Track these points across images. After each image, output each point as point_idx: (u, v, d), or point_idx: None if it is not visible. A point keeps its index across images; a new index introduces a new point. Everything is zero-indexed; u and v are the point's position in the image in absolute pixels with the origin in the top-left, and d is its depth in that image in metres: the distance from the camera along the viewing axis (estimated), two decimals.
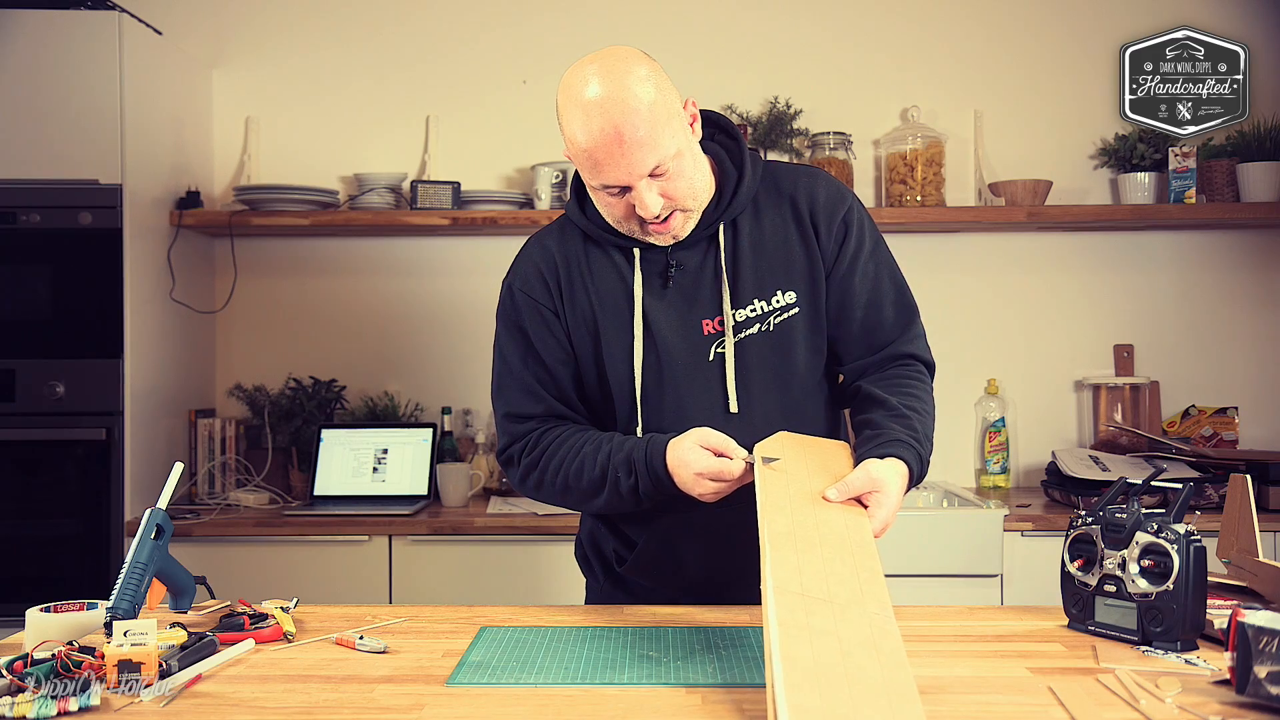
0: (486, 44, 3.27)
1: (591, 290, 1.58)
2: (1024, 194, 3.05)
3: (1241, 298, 3.21)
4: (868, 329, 1.59)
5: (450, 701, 1.16)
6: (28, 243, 2.71)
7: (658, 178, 1.45)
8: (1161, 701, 1.13)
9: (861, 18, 3.26)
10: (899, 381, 1.56)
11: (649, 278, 1.56)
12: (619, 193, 1.47)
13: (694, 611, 1.55)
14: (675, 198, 1.48)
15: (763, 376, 1.55)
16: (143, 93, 2.80)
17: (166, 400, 2.95)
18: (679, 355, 1.55)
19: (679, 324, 1.55)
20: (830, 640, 1.12)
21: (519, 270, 1.65)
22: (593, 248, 1.60)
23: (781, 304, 1.55)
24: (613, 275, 1.58)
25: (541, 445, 1.58)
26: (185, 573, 1.51)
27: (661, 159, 1.43)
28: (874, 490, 1.38)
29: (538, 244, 1.65)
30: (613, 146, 1.41)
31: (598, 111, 1.40)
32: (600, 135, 1.41)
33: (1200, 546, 1.31)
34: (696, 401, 1.54)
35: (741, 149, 1.60)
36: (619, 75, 1.41)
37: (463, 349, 3.27)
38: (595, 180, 1.47)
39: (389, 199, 3.12)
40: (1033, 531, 2.67)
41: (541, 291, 1.61)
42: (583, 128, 1.42)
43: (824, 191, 1.59)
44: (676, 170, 1.46)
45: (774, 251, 1.56)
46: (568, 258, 1.60)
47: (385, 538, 2.70)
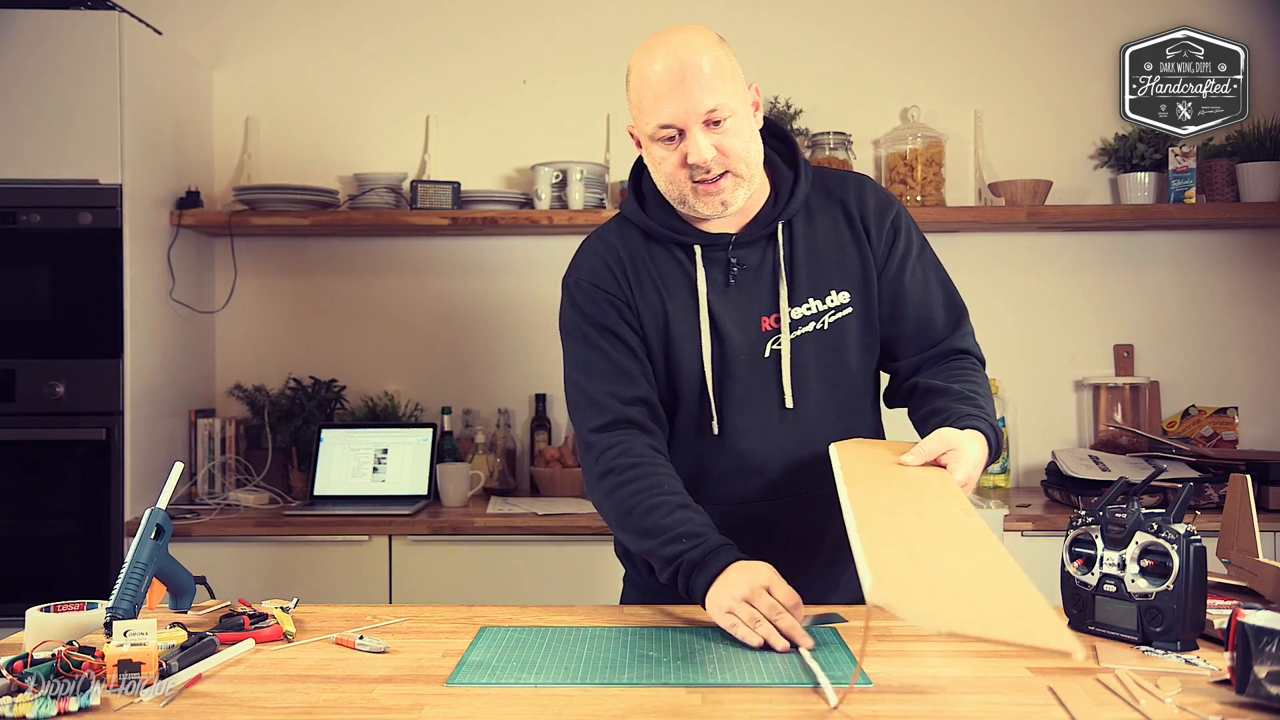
0: (486, 44, 3.27)
1: (660, 284, 1.59)
2: (1024, 194, 3.05)
3: (1241, 298, 3.21)
4: (920, 328, 1.63)
5: (450, 701, 1.16)
6: (28, 243, 2.71)
7: (713, 127, 1.48)
8: (1161, 701, 1.13)
9: (861, 18, 3.26)
10: (956, 372, 1.60)
11: (711, 274, 1.58)
12: (674, 139, 1.49)
13: (694, 611, 1.55)
14: (728, 154, 1.49)
15: (817, 373, 1.59)
16: (143, 93, 2.80)
17: (166, 400, 2.95)
18: (741, 351, 1.57)
19: (740, 320, 1.57)
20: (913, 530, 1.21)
21: (583, 265, 1.63)
22: (654, 245, 1.61)
23: (836, 303, 1.59)
24: (677, 270, 1.59)
25: (631, 465, 1.51)
26: (185, 573, 1.51)
27: (719, 104, 1.47)
28: (950, 449, 1.41)
29: (599, 240, 1.65)
30: (674, 80, 1.46)
31: (664, 50, 1.48)
32: (664, 70, 1.47)
33: (1200, 546, 1.31)
34: (755, 397, 1.58)
35: (795, 152, 1.64)
36: (689, 28, 1.52)
37: (463, 349, 3.27)
38: (653, 120, 1.48)
39: (389, 199, 3.12)
40: (1033, 531, 2.67)
41: (610, 282, 1.60)
42: (648, 64, 1.49)
43: (873, 196, 1.63)
44: (734, 128, 1.49)
45: (828, 252, 1.59)
46: (632, 253, 1.61)
47: (385, 538, 2.70)
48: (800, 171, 1.61)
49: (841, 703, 1.12)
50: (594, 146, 3.24)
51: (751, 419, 1.56)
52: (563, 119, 3.26)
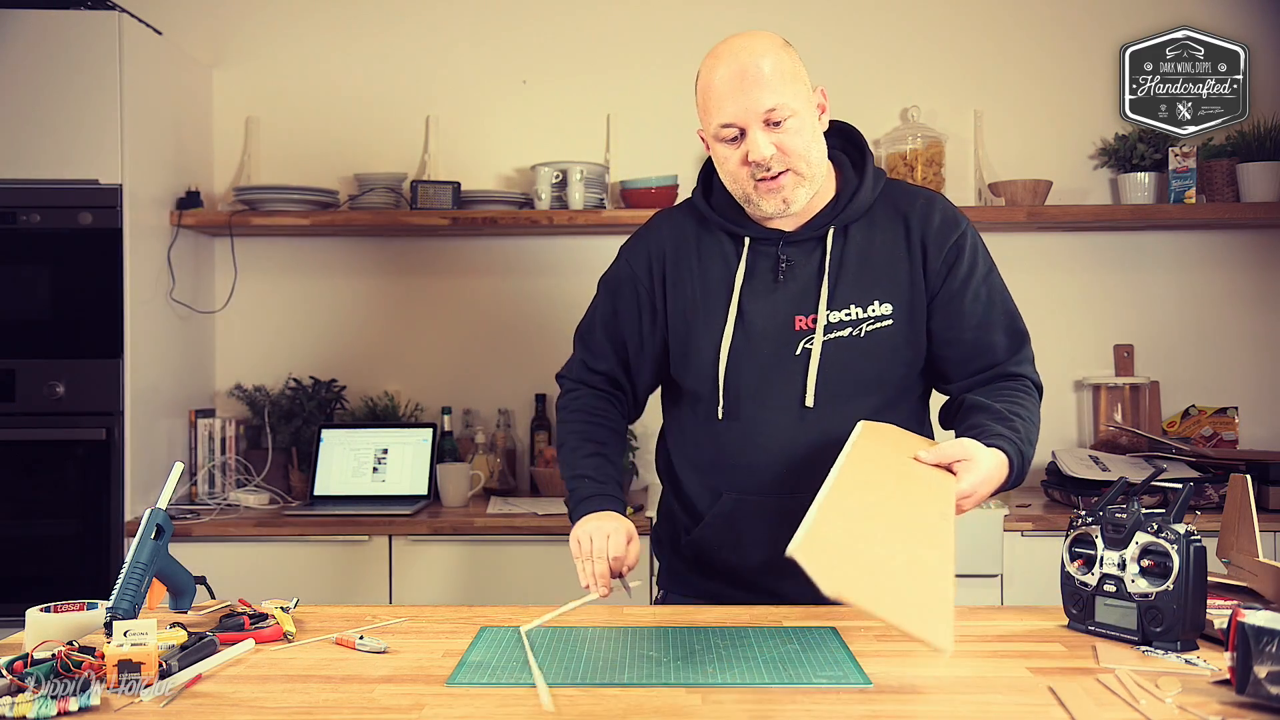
0: (486, 44, 3.27)
1: (697, 273, 1.66)
2: (1024, 194, 3.05)
3: (1241, 298, 3.21)
4: (978, 351, 1.64)
5: (450, 701, 1.16)
6: (28, 243, 2.71)
7: (773, 127, 1.53)
8: (1161, 701, 1.13)
9: (861, 18, 3.26)
10: (1004, 393, 1.62)
11: (758, 268, 1.63)
12: (736, 138, 1.55)
13: (694, 611, 1.55)
14: (788, 153, 1.54)
15: (845, 378, 1.60)
16: (143, 93, 2.80)
17: (166, 400, 2.95)
18: (767, 345, 1.61)
19: (774, 315, 1.61)
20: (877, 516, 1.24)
21: (636, 244, 1.75)
22: (705, 233, 1.68)
23: (877, 314, 1.60)
24: (719, 262, 1.65)
25: (575, 405, 1.78)
26: (185, 573, 1.51)
27: (779, 104, 1.52)
28: (965, 458, 1.44)
29: (659, 222, 1.76)
30: (735, 81, 1.53)
31: (728, 54, 1.56)
32: (725, 72, 1.54)
33: (1200, 546, 1.31)
34: (775, 391, 1.61)
35: (865, 161, 1.67)
36: (755, 34, 1.59)
37: (463, 349, 3.27)
38: (716, 120, 1.55)
39: (389, 199, 3.12)
40: (1032, 531, 2.67)
41: (644, 270, 1.71)
42: (713, 69, 1.56)
43: (939, 215, 1.65)
44: (795, 128, 1.54)
45: (880, 263, 1.62)
46: (679, 240, 1.70)
47: (385, 538, 2.70)
48: (865, 179, 1.64)
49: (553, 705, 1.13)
50: (594, 146, 3.24)
51: (769, 412, 1.60)
52: (563, 119, 3.26)
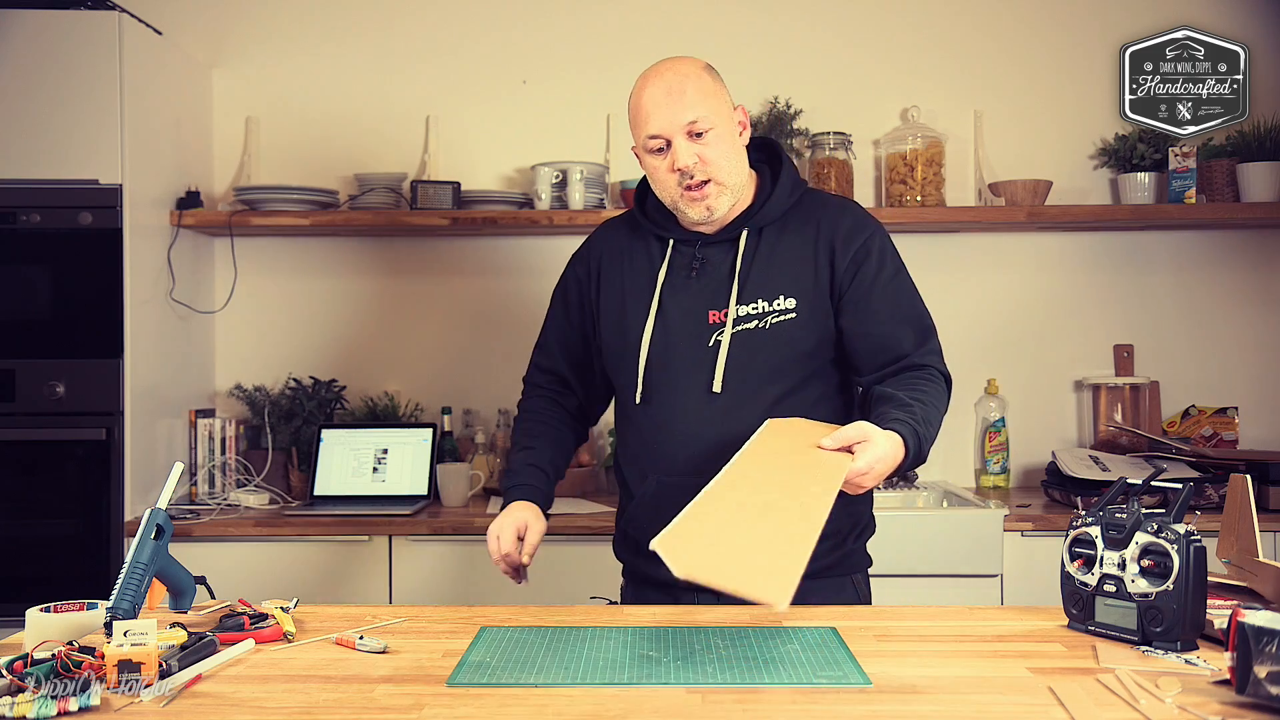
0: (486, 44, 3.27)
1: (626, 273, 1.82)
2: (1024, 194, 3.05)
3: (1241, 298, 3.21)
4: (884, 345, 1.73)
5: (450, 701, 1.16)
6: (28, 243, 2.71)
7: (696, 138, 1.67)
8: (1161, 701, 1.13)
9: (861, 18, 3.26)
10: (909, 382, 1.70)
11: (676, 267, 1.78)
12: (662, 149, 1.69)
13: (694, 611, 1.55)
14: (708, 162, 1.68)
15: (753, 368, 1.71)
16: (143, 93, 2.80)
17: (166, 400, 2.95)
18: (683, 337, 1.74)
19: (690, 310, 1.74)
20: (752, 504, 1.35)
21: (579, 252, 1.93)
22: (636, 239, 1.83)
23: (781, 307, 1.72)
24: (645, 262, 1.81)
25: (525, 409, 1.98)
26: (185, 573, 1.51)
27: (700, 117, 1.66)
28: (863, 439, 1.53)
29: (599, 233, 1.92)
30: (660, 98, 1.67)
31: (655, 75, 1.70)
32: (653, 90, 1.69)
33: (1200, 546, 1.31)
34: (688, 379, 1.73)
35: (782, 171, 1.79)
36: (680, 59, 1.73)
37: (463, 349, 3.27)
38: (644, 132, 1.70)
39: (389, 199, 3.12)
40: (1033, 531, 2.67)
41: (583, 273, 1.88)
42: (641, 91, 1.70)
43: (848, 219, 1.76)
44: (714, 140, 1.68)
45: (787, 262, 1.74)
46: (617, 241, 1.86)
47: (385, 538, 2.70)
48: (779, 186, 1.76)
49: None
50: (594, 146, 3.24)
51: (682, 398, 1.72)
52: (563, 119, 3.26)
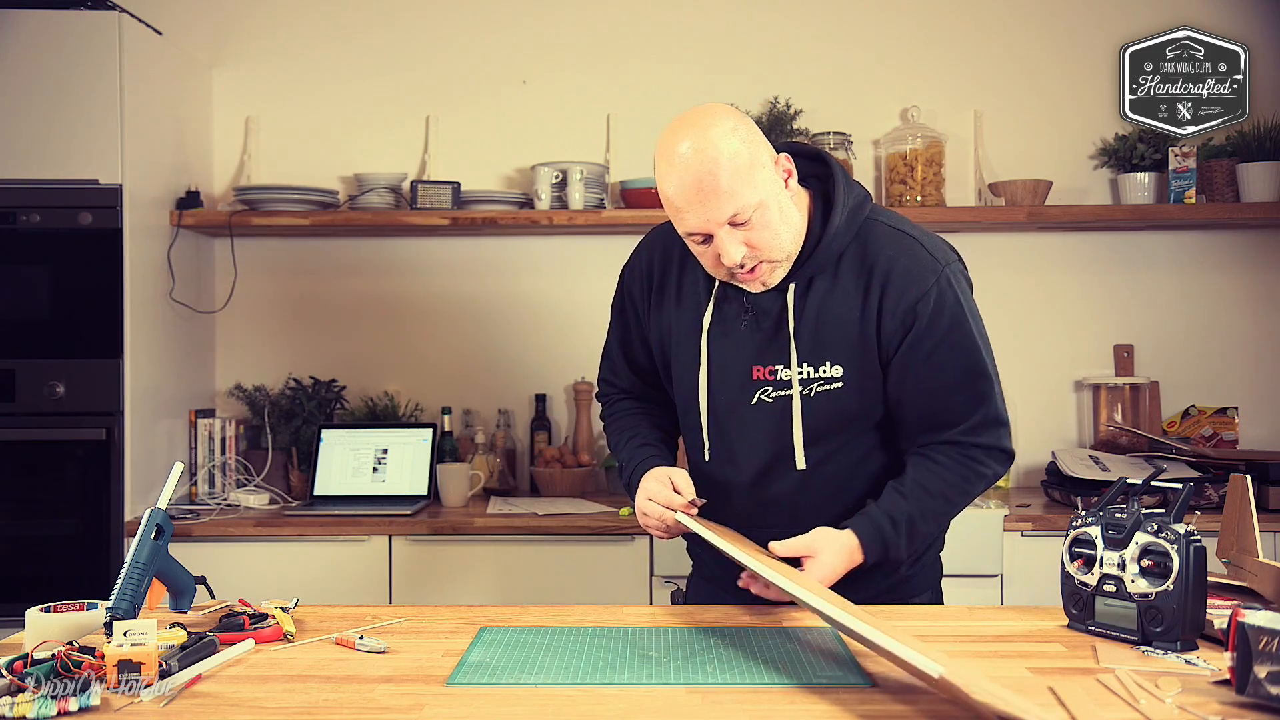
0: (486, 44, 3.27)
1: (677, 298, 1.69)
2: (1024, 194, 3.05)
3: (1241, 298, 3.21)
4: (927, 420, 1.60)
5: (450, 701, 1.16)
6: (28, 243, 2.71)
7: (739, 226, 1.49)
8: (1161, 701, 1.13)
9: (861, 18, 3.26)
10: (929, 463, 1.59)
11: (724, 311, 1.64)
12: (704, 240, 1.53)
13: (694, 611, 1.55)
14: (759, 247, 1.51)
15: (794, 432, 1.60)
16: (143, 93, 2.80)
17: (166, 400, 2.94)
18: (729, 393, 1.64)
19: (734, 364, 1.63)
20: None
21: (633, 259, 1.78)
22: (687, 266, 1.68)
23: (827, 375, 1.58)
24: (693, 298, 1.67)
25: (612, 410, 1.85)
26: (185, 573, 1.51)
27: (740, 208, 1.47)
28: (810, 554, 1.52)
29: (652, 242, 1.76)
30: (692, 195, 1.47)
31: (680, 163, 1.48)
32: (680, 184, 1.48)
33: (1200, 546, 1.31)
34: (742, 436, 1.64)
35: (836, 206, 1.57)
36: (703, 129, 1.48)
37: (463, 349, 3.27)
38: (681, 229, 1.54)
39: (389, 199, 3.12)
40: (1033, 531, 2.67)
41: (639, 287, 1.75)
42: (667, 178, 1.50)
43: (902, 271, 1.57)
44: (760, 221, 1.50)
45: (836, 323, 1.58)
46: (667, 259, 1.71)
47: (385, 538, 2.70)
48: (832, 225, 1.56)
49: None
50: (594, 146, 3.24)
51: (741, 455, 1.65)
52: (563, 119, 3.26)
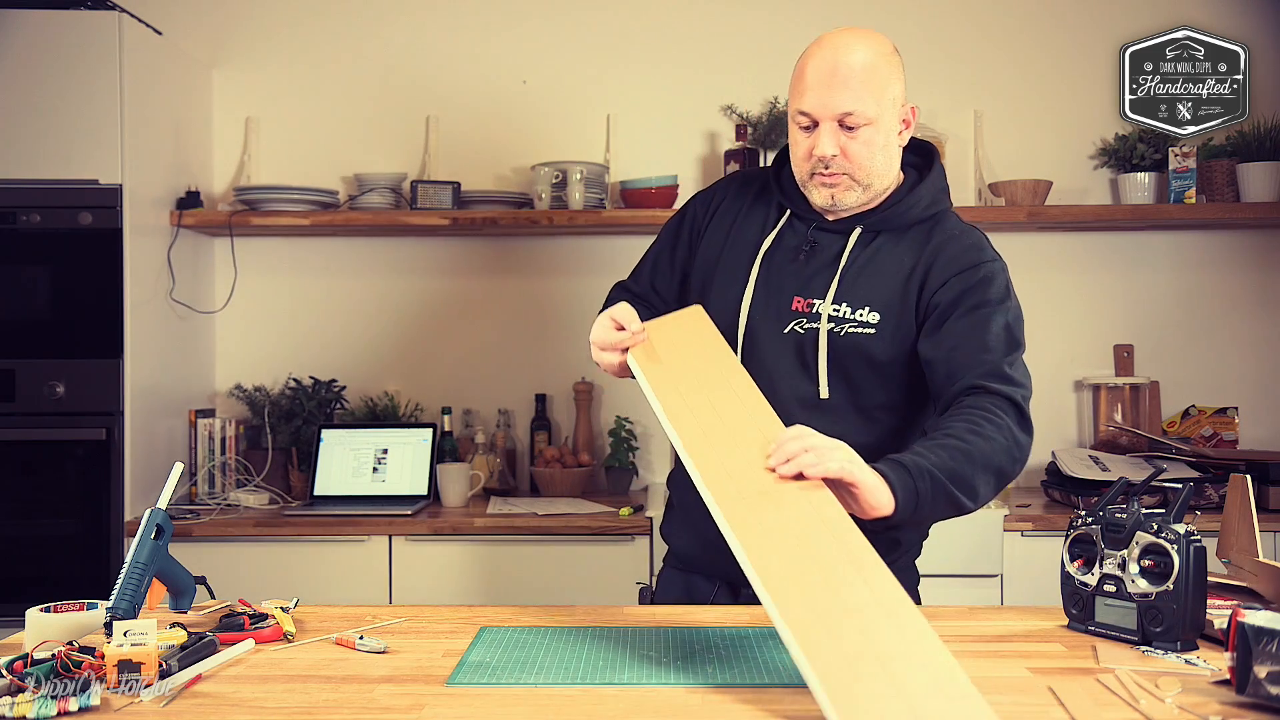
0: (486, 44, 3.27)
1: (731, 230, 1.72)
2: (1024, 194, 3.05)
3: (1241, 298, 3.21)
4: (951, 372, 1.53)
5: (450, 701, 1.16)
6: (28, 243, 2.71)
7: (846, 130, 1.55)
8: (1161, 701, 1.13)
9: (861, 18, 3.25)
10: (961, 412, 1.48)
11: (785, 242, 1.67)
12: (808, 127, 1.57)
13: (694, 611, 1.55)
14: (851, 159, 1.56)
15: (818, 370, 1.60)
16: (143, 93, 2.80)
17: (166, 400, 2.94)
18: (767, 320, 1.64)
19: (778, 291, 1.64)
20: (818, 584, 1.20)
21: (705, 191, 1.82)
22: (760, 200, 1.73)
23: (864, 319, 1.60)
24: (756, 223, 1.70)
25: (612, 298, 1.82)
26: (185, 573, 1.51)
27: (857, 110, 1.54)
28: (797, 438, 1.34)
29: (730, 179, 1.82)
30: (824, 76, 1.55)
31: (829, 45, 1.57)
32: (819, 62, 1.56)
33: (1200, 546, 1.31)
34: (775, 364, 1.62)
35: (926, 180, 1.65)
36: (869, 34, 1.60)
37: (463, 349, 3.27)
38: (795, 104, 1.58)
39: (389, 199, 3.12)
40: (1033, 531, 2.67)
41: (701, 210, 1.78)
42: (810, 54, 1.58)
43: (959, 247, 1.60)
44: (866, 137, 1.56)
45: (885, 274, 1.61)
46: (739, 193, 1.76)
47: (385, 538, 2.70)
48: (915, 197, 1.63)
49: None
50: (594, 146, 3.24)
51: (774, 386, 1.58)
52: (563, 119, 3.26)
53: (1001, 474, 1.46)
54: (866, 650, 1.10)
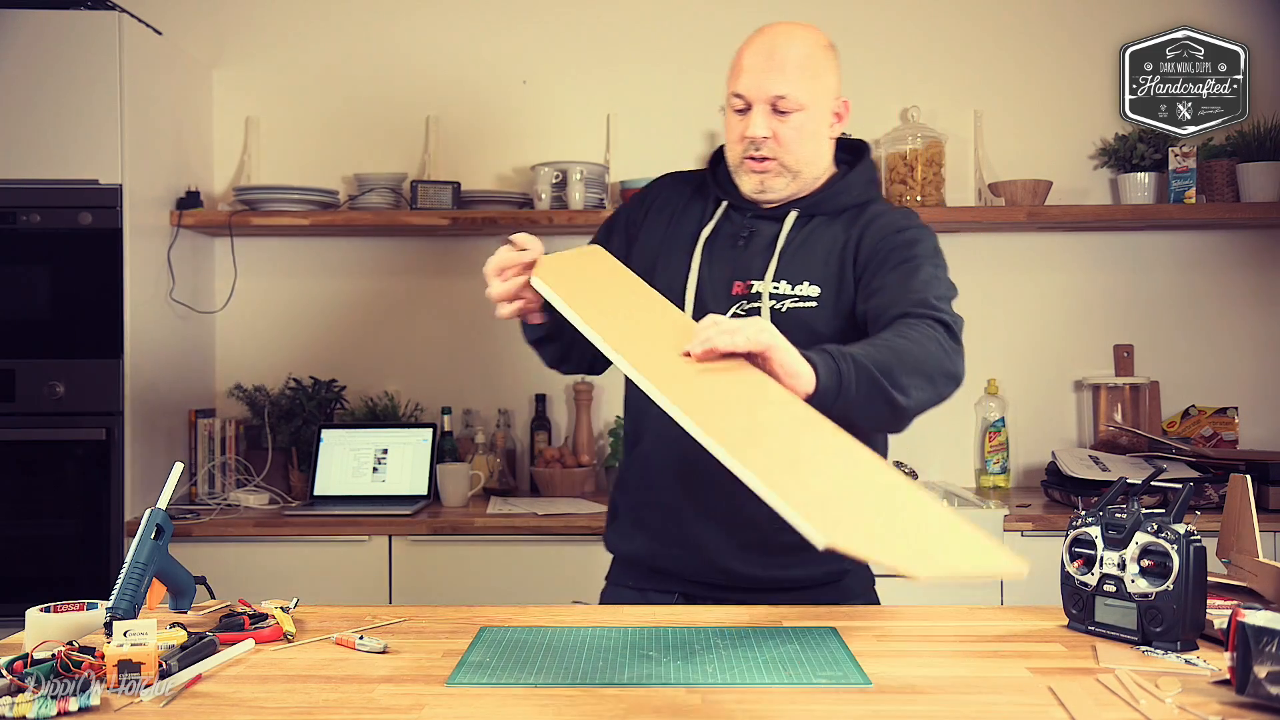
0: (486, 44, 3.27)
1: (666, 224, 1.75)
2: (1024, 194, 3.05)
3: (1241, 298, 3.21)
4: (882, 313, 1.54)
5: (450, 701, 1.16)
6: (28, 243, 2.71)
7: (778, 114, 1.60)
8: (1161, 701, 1.13)
9: (861, 18, 3.26)
10: (888, 326, 1.49)
11: (723, 232, 1.70)
12: (742, 110, 1.62)
13: (694, 611, 1.55)
14: (782, 143, 1.62)
15: None
16: (143, 93, 2.80)
17: (166, 400, 2.94)
18: (711, 304, 1.65)
19: (721, 277, 1.67)
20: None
21: (638, 193, 1.85)
22: (695, 194, 1.76)
23: (804, 294, 1.63)
24: (693, 220, 1.73)
25: None
26: (185, 573, 1.51)
27: (790, 94, 1.59)
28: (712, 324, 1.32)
29: (663, 179, 1.85)
30: (761, 58, 1.60)
31: (770, 31, 1.63)
32: (757, 46, 1.62)
33: (1200, 546, 1.31)
34: None
35: (857, 169, 1.71)
36: (805, 26, 1.66)
37: (463, 349, 3.27)
38: (731, 87, 1.63)
39: (389, 199, 3.12)
40: (1033, 531, 2.67)
41: (637, 210, 1.80)
42: (750, 40, 1.64)
43: (892, 216, 1.67)
44: (798, 122, 1.61)
45: (821, 251, 1.66)
46: (671, 193, 1.79)
47: (385, 538, 2.70)
48: (847, 182, 1.69)
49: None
50: (594, 146, 3.24)
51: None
52: (563, 119, 3.26)
53: (932, 380, 1.43)
54: (835, 486, 1.12)
